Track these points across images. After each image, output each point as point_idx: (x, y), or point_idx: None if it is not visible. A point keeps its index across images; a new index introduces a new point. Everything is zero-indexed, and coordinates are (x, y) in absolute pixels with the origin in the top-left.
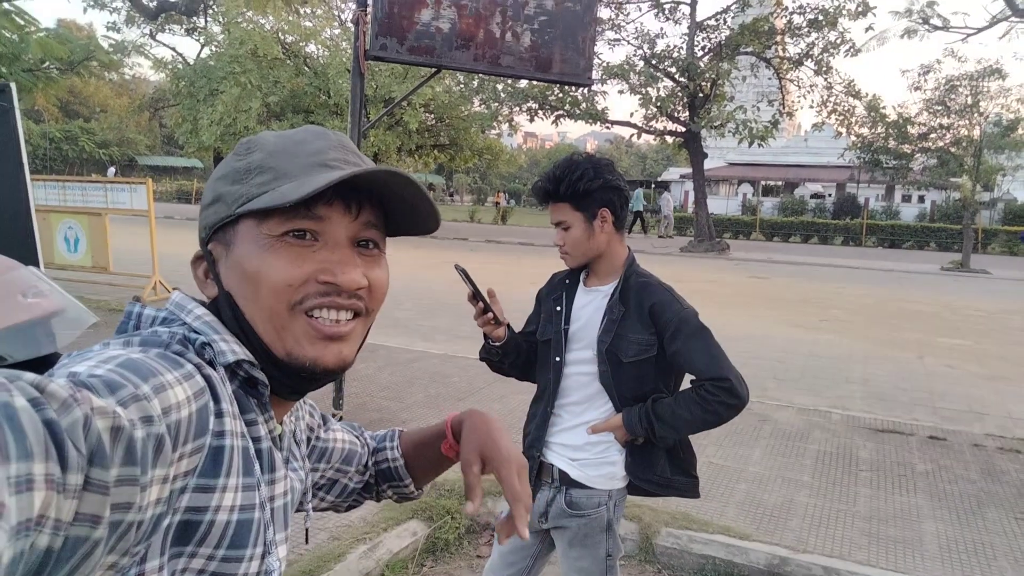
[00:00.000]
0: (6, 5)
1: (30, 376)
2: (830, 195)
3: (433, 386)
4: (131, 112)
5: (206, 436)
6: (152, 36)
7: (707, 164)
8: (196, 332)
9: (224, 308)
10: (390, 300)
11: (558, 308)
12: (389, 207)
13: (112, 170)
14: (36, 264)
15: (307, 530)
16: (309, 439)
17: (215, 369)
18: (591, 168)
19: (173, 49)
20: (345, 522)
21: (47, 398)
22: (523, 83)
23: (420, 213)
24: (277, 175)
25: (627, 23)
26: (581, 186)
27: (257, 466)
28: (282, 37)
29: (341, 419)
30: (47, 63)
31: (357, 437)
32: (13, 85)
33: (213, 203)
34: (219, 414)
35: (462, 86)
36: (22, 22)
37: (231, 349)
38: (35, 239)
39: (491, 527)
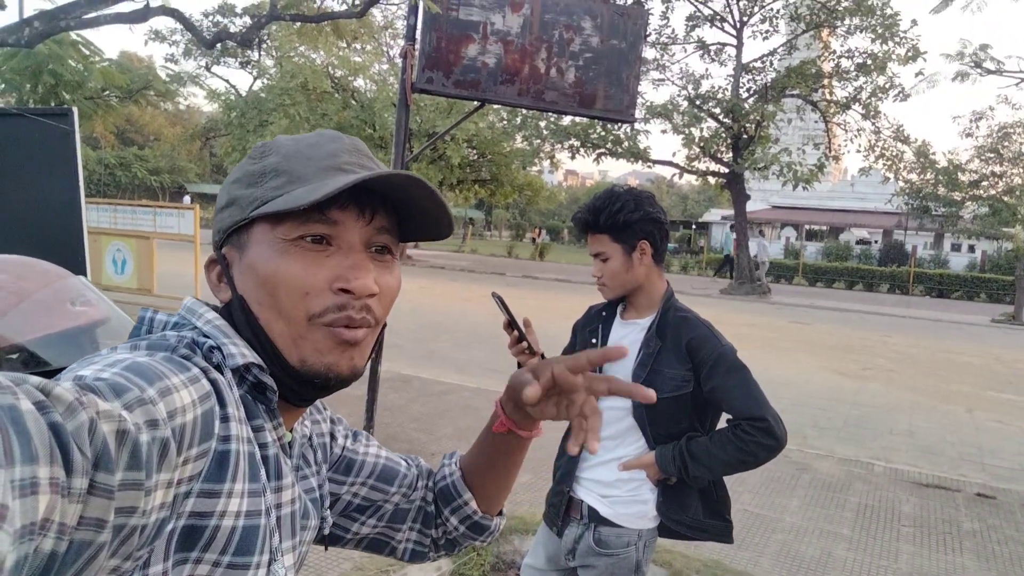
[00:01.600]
0: (74, 36)
1: (36, 379)
2: (876, 241)
3: (464, 419)
4: (183, 141)
5: (211, 440)
6: (207, 68)
7: (750, 206)
8: (206, 336)
9: (237, 312)
10: (427, 332)
11: (593, 340)
12: (402, 212)
13: (187, 198)
14: None
15: (325, 537)
16: (326, 445)
17: (222, 373)
18: (632, 200)
19: (227, 81)
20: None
21: (53, 401)
22: (566, 120)
23: (434, 218)
24: (292, 179)
25: (672, 63)
26: (621, 217)
27: (263, 472)
28: (331, 71)
29: None
30: (107, 91)
31: (405, 460)
32: (75, 110)
33: (227, 206)
34: (225, 418)
35: (505, 122)
36: (87, 52)
37: (240, 352)
38: (85, 257)
39: (516, 565)
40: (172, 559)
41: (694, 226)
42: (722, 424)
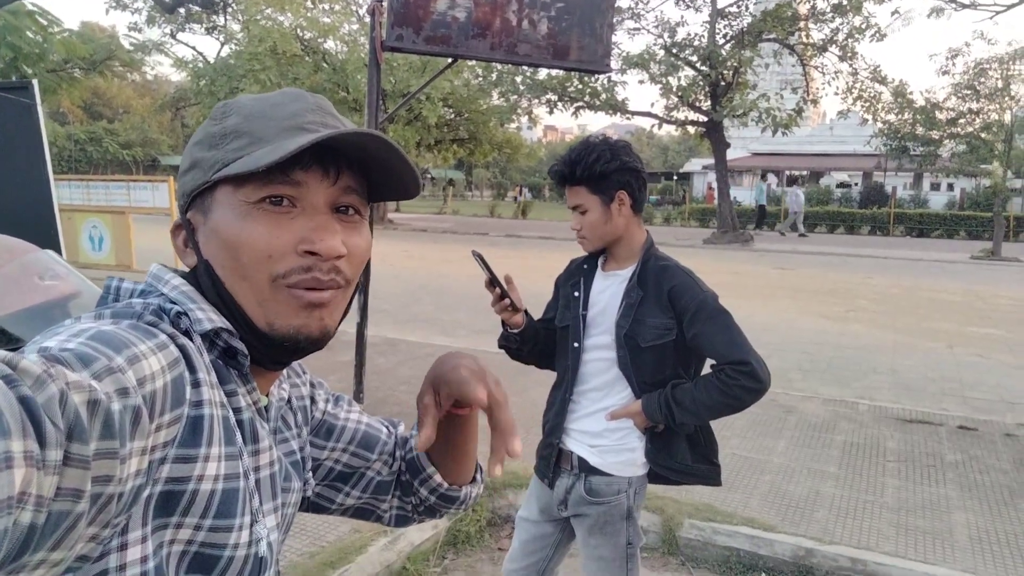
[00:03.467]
0: (30, 5)
1: (1, 353)
2: (856, 184)
3: None
4: (153, 112)
5: (183, 406)
6: (172, 36)
7: (730, 154)
8: (172, 302)
9: (203, 277)
10: (411, 295)
11: (576, 294)
12: (369, 172)
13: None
14: None
15: (311, 505)
16: (306, 408)
17: (191, 339)
18: (608, 150)
19: (193, 48)
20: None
21: (20, 375)
22: (542, 74)
23: (401, 177)
24: (253, 139)
25: (647, 11)
26: (598, 168)
27: (239, 436)
28: (301, 33)
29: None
30: (70, 63)
31: (385, 425)
32: (36, 82)
33: (190, 169)
34: (196, 384)
35: (481, 79)
36: (45, 22)
37: (208, 317)
38: (58, 233)
39: (511, 519)
40: (151, 524)
41: (675, 177)
42: (707, 370)
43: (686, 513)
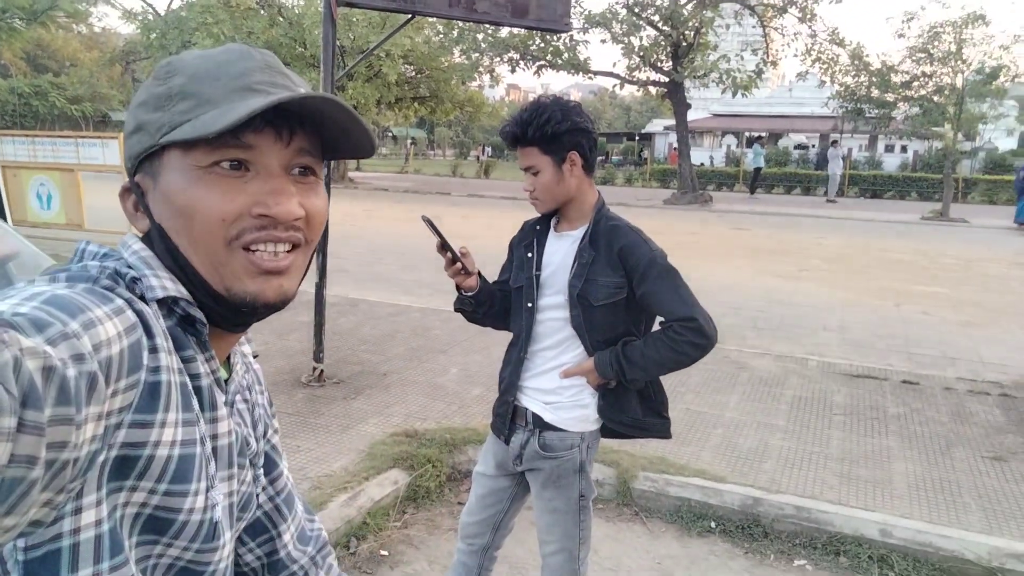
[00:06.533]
0: None
1: None
2: (814, 145)
3: (415, 339)
4: (102, 66)
5: (140, 372)
6: None
7: (691, 115)
8: (130, 267)
9: (157, 242)
10: (372, 255)
11: (529, 255)
12: (323, 131)
13: None
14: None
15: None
16: (264, 418)
17: (148, 304)
18: (559, 110)
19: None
20: (327, 472)
21: None
22: (503, 32)
23: (355, 138)
24: (200, 101)
25: None
26: (549, 129)
27: (195, 402)
28: None
29: (322, 372)
30: (8, 12)
31: (309, 518)
32: None
33: (135, 132)
34: (153, 349)
35: (442, 36)
36: None
37: (161, 285)
38: (1, 193)
39: (471, 474)
40: (106, 488)
41: (637, 137)
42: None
43: (640, 466)
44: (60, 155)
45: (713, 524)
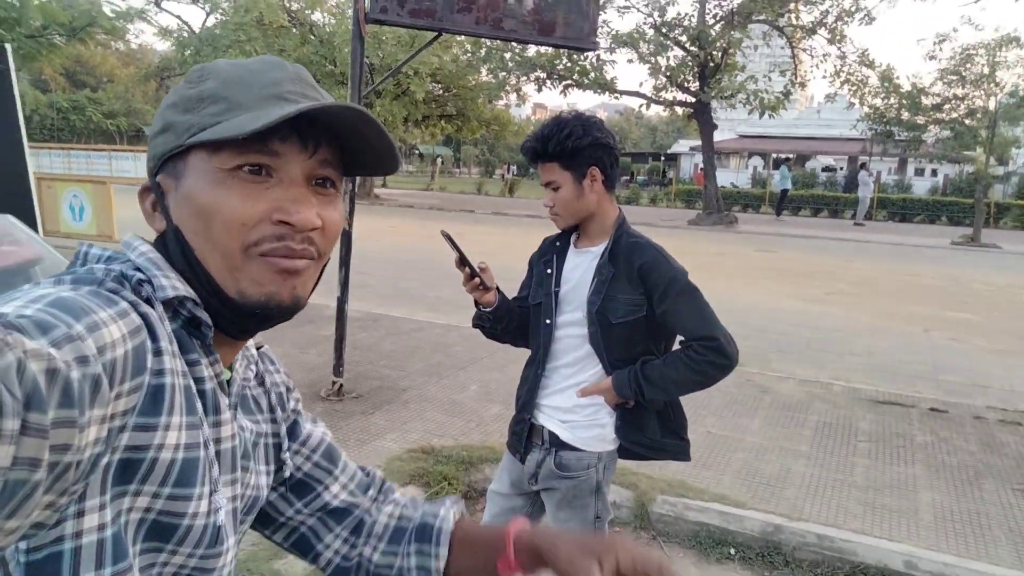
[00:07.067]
0: None
1: None
2: (841, 168)
3: (435, 355)
4: (137, 82)
5: (144, 375)
6: (157, 3)
7: (717, 136)
8: (137, 269)
9: (172, 243)
10: (396, 270)
11: (548, 271)
12: (347, 145)
13: None
14: (35, 230)
15: (284, 477)
16: (282, 395)
17: (153, 307)
18: (580, 126)
19: (178, 17)
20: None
21: None
22: (531, 51)
23: (379, 153)
24: (231, 106)
25: None
26: (570, 144)
27: (199, 405)
28: (287, 4)
29: (341, 387)
30: (49, 29)
31: (365, 472)
32: (9, 47)
33: (162, 132)
34: (157, 352)
35: (469, 55)
36: None
37: (172, 285)
38: (33, 202)
39: (486, 493)
40: (110, 492)
41: (663, 157)
42: (677, 347)
43: (659, 489)
44: (94, 168)
45: (732, 551)
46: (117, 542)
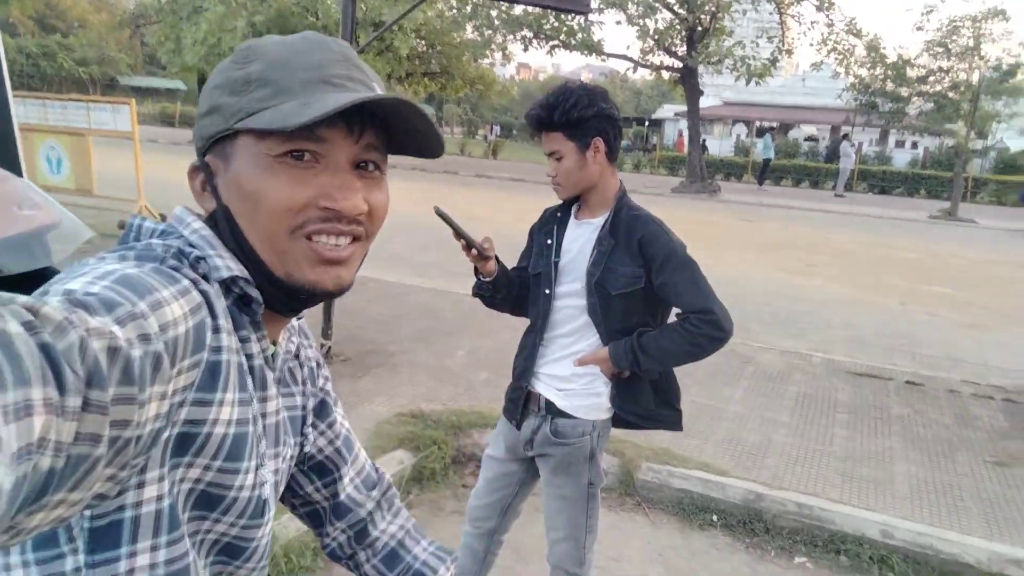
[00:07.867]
0: None
1: (23, 299)
2: (824, 138)
3: (423, 320)
4: (111, 29)
5: (203, 352)
6: None
7: (702, 102)
8: (192, 246)
9: (222, 223)
10: (382, 233)
11: (548, 241)
12: (392, 128)
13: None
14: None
15: (305, 455)
16: (313, 370)
17: (210, 284)
18: (586, 96)
19: None
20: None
21: (41, 321)
22: (518, 10)
23: (425, 137)
24: (277, 90)
25: None
26: (575, 114)
27: (250, 382)
28: None
29: (330, 350)
30: None
31: (374, 467)
32: None
33: (210, 113)
34: (216, 329)
35: (455, 11)
36: None
37: (226, 265)
38: (18, 155)
39: (476, 457)
40: (168, 464)
41: (647, 122)
42: (673, 319)
43: (644, 456)
44: (71, 119)
45: (715, 517)
46: (172, 512)
